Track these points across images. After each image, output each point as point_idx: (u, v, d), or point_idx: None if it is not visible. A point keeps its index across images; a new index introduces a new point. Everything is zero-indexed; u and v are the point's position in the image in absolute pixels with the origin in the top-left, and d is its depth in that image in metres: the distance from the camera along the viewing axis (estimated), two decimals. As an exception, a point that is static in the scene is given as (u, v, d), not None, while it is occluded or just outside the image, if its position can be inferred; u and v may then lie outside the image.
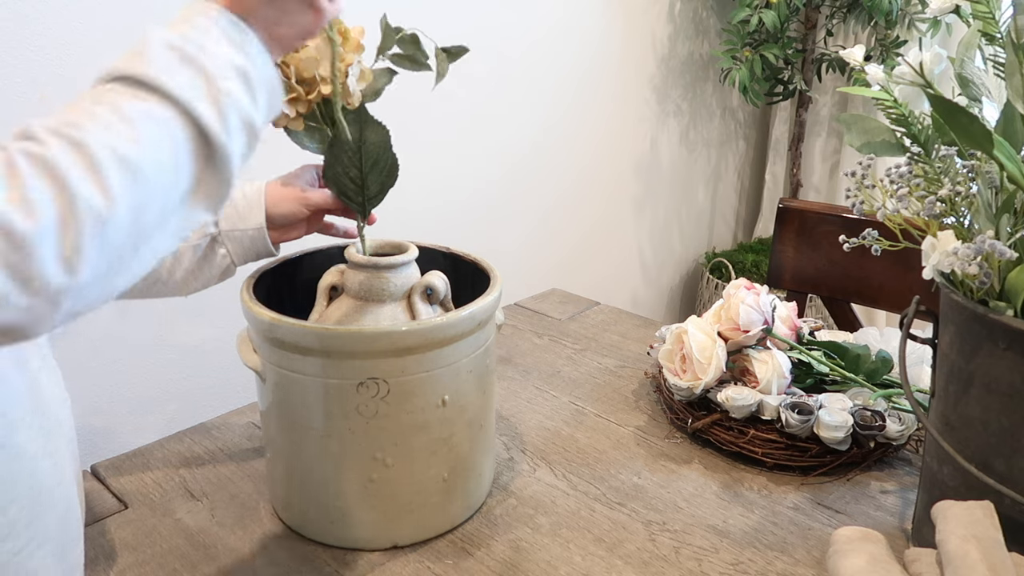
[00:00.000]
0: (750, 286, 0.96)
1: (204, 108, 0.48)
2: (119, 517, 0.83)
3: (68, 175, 0.43)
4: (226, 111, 0.49)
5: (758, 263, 2.35)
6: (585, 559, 0.76)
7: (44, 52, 1.13)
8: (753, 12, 1.95)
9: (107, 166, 0.44)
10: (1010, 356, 0.61)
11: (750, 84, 2.00)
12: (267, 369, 0.76)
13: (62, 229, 0.42)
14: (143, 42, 0.49)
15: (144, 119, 0.46)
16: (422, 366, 0.72)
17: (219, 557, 0.77)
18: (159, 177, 0.46)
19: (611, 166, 2.17)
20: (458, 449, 0.78)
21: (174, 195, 0.48)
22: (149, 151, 0.46)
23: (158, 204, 0.47)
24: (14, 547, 0.55)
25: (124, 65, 0.48)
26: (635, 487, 0.87)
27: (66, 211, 0.42)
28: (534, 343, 1.21)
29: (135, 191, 0.45)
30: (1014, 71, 0.62)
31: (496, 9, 1.73)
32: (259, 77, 0.52)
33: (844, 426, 0.86)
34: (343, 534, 0.77)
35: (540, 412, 1.02)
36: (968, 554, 0.56)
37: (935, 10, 0.68)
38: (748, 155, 2.64)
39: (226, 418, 1.01)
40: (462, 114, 1.72)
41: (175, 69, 0.48)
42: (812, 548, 0.77)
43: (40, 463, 0.57)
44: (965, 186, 0.65)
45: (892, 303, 1.25)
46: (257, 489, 0.87)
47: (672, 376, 0.96)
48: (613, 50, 2.05)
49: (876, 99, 0.69)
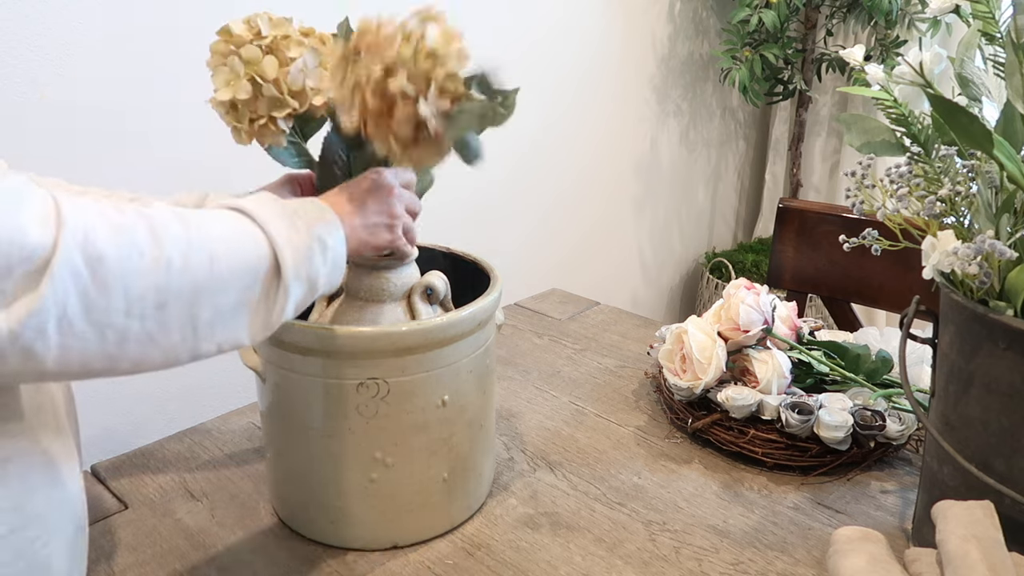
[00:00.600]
0: (750, 286, 0.96)
1: (286, 249, 0.59)
2: (119, 517, 0.83)
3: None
4: (299, 261, 0.60)
5: (758, 263, 2.35)
6: (585, 559, 0.76)
7: (44, 52, 1.13)
8: (753, 12, 1.95)
9: (196, 246, 0.55)
10: (1010, 356, 0.61)
11: (750, 84, 2.00)
12: (267, 369, 0.76)
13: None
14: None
15: (239, 233, 0.57)
16: (422, 366, 0.72)
17: (219, 557, 0.77)
18: (232, 275, 0.56)
19: (611, 166, 2.17)
20: (458, 449, 0.78)
21: (233, 298, 0.57)
22: (235, 253, 0.57)
23: (219, 297, 0.56)
24: (31, 535, 0.56)
25: (240, 203, 0.60)
26: (635, 487, 0.87)
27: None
28: (534, 343, 1.21)
29: (212, 271, 0.55)
30: (1014, 71, 0.62)
31: (496, 9, 1.73)
32: (333, 252, 0.63)
33: (844, 426, 0.86)
34: (343, 534, 0.77)
35: (540, 412, 1.02)
36: (968, 554, 0.56)
37: (935, 10, 0.68)
38: (748, 155, 2.64)
39: (226, 418, 1.01)
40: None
41: (277, 218, 0.60)
42: (812, 548, 0.77)
43: (53, 455, 0.59)
44: (965, 186, 0.65)
45: (892, 303, 1.25)
46: (257, 489, 0.87)
47: (672, 376, 0.96)
48: (613, 50, 2.05)
49: (876, 99, 0.69)
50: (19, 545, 0.55)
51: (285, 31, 0.72)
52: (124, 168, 1.25)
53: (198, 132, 1.30)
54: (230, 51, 0.71)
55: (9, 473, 0.55)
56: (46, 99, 1.15)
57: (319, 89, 0.72)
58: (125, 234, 0.50)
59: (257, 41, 0.71)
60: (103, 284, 0.49)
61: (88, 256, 0.48)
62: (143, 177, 1.25)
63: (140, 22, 1.22)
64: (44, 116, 1.15)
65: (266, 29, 0.71)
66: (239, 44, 0.71)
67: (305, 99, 0.72)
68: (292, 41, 0.72)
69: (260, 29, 0.71)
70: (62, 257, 0.47)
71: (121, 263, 0.50)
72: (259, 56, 0.70)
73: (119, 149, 1.24)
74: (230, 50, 0.71)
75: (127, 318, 0.51)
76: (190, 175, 1.30)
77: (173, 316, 0.53)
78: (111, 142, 1.23)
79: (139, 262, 0.51)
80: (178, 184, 1.09)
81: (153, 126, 1.27)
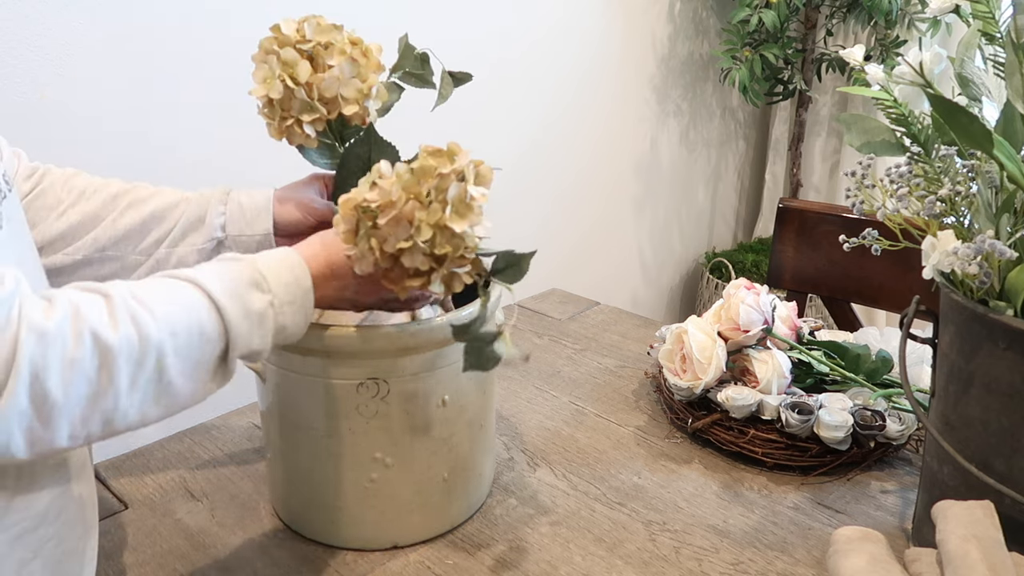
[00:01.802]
0: (750, 286, 0.96)
1: (238, 342, 0.58)
2: (119, 517, 0.83)
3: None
4: (252, 349, 0.60)
5: (758, 263, 2.35)
6: (585, 559, 0.76)
7: (44, 52, 1.13)
8: (753, 12, 1.95)
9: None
10: (1010, 356, 0.61)
11: (750, 84, 2.00)
12: (267, 369, 0.76)
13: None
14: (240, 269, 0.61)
15: (197, 334, 0.56)
16: (422, 366, 0.72)
17: (219, 557, 0.77)
18: (182, 378, 0.56)
19: (611, 166, 2.17)
20: (458, 449, 0.78)
21: (185, 392, 0.57)
22: (188, 356, 0.56)
23: (168, 398, 0.56)
24: (45, 535, 0.57)
25: (214, 289, 0.58)
26: (635, 487, 0.87)
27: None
28: (534, 343, 1.21)
29: (161, 382, 0.55)
30: (1014, 71, 0.62)
31: (496, 9, 1.73)
32: (291, 333, 0.63)
33: (844, 426, 0.86)
34: (343, 534, 0.77)
35: (540, 412, 1.02)
36: (968, 554, 0.56)
37: (935, 10, 0.68)
38: (748, 155, 2.64)
39: (226, 418, 1.01)
40: (462, 114, 1.72)
41: (242, 317, 0.59)
42: (812, 548, 0.77)
43: (65, 456, 0.59)
44: (965, 186, 0.65)
45: (892, 303, 1.25)
46: (257, 489, 0.87)
47: (672, 376, 0.96)
48: (613, 50, 2.05)
49: (876, 99, 0.69)
50: (33, 544, 0.56)
51: (329, 38, 0.72)
52: (124, 168, 1.24)
53: (198, 132, 1.31)
54: (273, 49, 0.71)
55: (22, 474, 0.55)
56: (46, 99, 1.15)
57: (351, 99, 0.72)
58: (77, 368, 0.50)
59: (300, 44, 0.71)
60: (47, 420, 0.50)
61: (35, 397, 0.49)
62: (143, 177, 1.25)
63: (140, 22, 1.22)
64: (44, 116, 1.15)
65: (310, 33, 0.71)
66: (282, 44, 0.71)
67: (336, 107, 0.72)
68: (335, 49, 0.72)
69: (306, 32, 0.71)
70: (9, 402, 0.48)
71: (69, 399, 0.50)
72: (296, 59, 0.71)
73: (119, 149, 1.24)
74: (274, 48, 0.72)
75: (71, 440, 0.52)
76: (190, 175, 1.30)
77: (120, 425, 0.54)
78: (111, 142, 1.23)
79: (87, 391, 0.51)
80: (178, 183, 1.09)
81: (153, 126, 1.27)
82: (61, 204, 0.76)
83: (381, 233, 0.61)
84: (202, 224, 0.77)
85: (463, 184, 0.60)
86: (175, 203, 0.78)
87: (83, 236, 0.76)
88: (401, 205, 0.60)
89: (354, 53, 0.72)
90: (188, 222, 0.77)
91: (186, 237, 0.77)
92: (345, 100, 0.72)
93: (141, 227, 0.77)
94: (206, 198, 0.79)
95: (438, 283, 0.63)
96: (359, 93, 0.73)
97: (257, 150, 0.75)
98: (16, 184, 0.74)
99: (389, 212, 0.60)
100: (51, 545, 0.57)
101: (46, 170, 0.78)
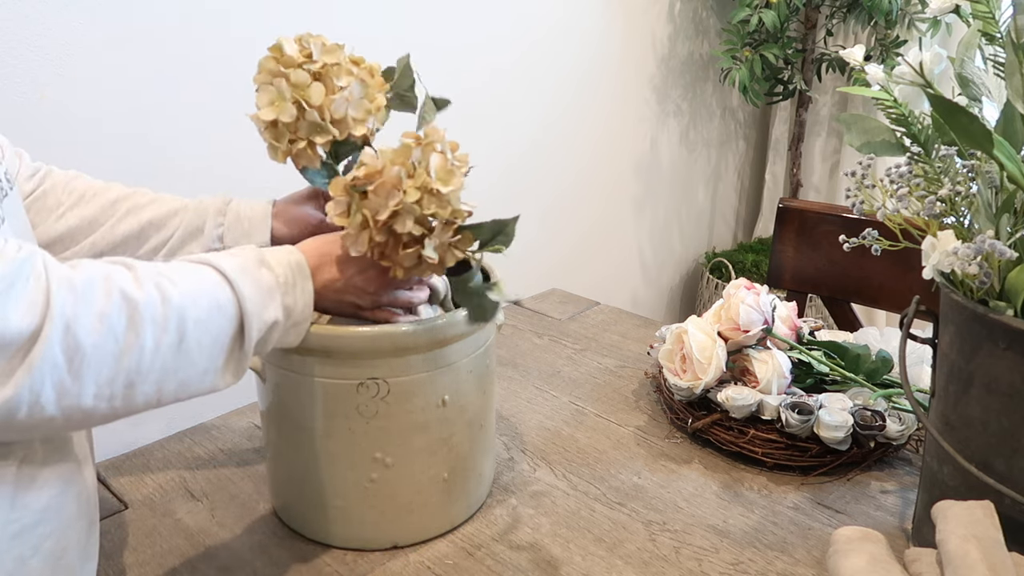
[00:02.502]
0: (750, 286, 0.96)
1: (254, 324, 0.61)
2: (119, 517, 0.83)
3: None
4: (264, 337, 0.63)
5: (758, 263, 2.35)
6: (585, 559, 0.76)
7: (44, 52, 1.13)
8: (753, 12, 1.95)
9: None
10: (1010, 356, 0.61)
11: (750, 84, 2.00)
12: (267, 369, 0.76)
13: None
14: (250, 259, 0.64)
15: (215, 309, 0.59)
16: (422, 366, 0.72)
17: (219, 557, 0.77)
18: (200, 351, 0.58)
19: (611, 166, 2.17)
20: (458, 449, 0.78)
21: (201, 367, 0.59)
22: (207, 330, 0.59)
23: (186, 372, 0.58)
24: (47, 531, 0.57)
25: (229, 269, 0.61)
26: (635, 487, 0.87)
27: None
28: (534, 343, 1.21)
29: (180, 350, 0.57)
30: (1014, 71, 0.62)
31: (496, 10, 1.73)
32: (297, 327, 0.66)
33: (844, 426, 0.86)
34: (343, 534, 0.77)
35: (540, 412, 1.02)
36: (968, 554, 0.56)
37: (935, 10, 0.68)
38: (748, 155, 2.64)
39: (226, 418, 1.01)
40: (462, 114, 1.72)
41: (250, 279, 0.62)
42: (812, 548, 0.77)
43: (69, 452, 0.60)
44: (965, 186, 0.65)
45: (892, 303, 1.25)
46: (257, 489, 0.87)
47: (672, 376, 0.96)
48: (613, 50, 2.05)
49: (876, 99, 0.69)
50: (35, 540, 0.56)
51: (336, 58, 0.72)
52: (124, 169, 1.24)
53: (198, 133, 1.31)
54: (279, 71, 0.71)
55: (24, 472, 0.55)
56: (46, 99, 1.15)
57: (360, 119, 0.73)
58: (106, 322, 0.52)
59: (307, 65, 0.71)
60: (77, 373, 0.51)
61: (67, 347, 0.50)
62: (143, 178, 1.25)
63: (140, 23, 1.21)
64: (44, 116, 1.15)
65: (317, 54, 0.71)
66: (288, 65, 0.71)
67: (346, 128, 0.72)
68: (342, 70, 0.72)
69: (312, 53, 0.71)
70: (44, 350, 0.48)
71: (97, 353, 0.51)
72: (307, 81, 0.70)
73: (119, 149, 1.24)
74: (279, 70, 0.71)
75: (95, 400, 0.52)
76: (190, 176, 1.30)
77: (139, 393, 0.55)
78: (111, 142, 1.23)
79: (114, 348, 0.52)
80: (178, 184, 1.09)
81: (153, 126, 1.27)
82: (60, 206, 0.76)
83: (371, 203, 0.64)
84: (200, 234, 0.78)
85: (443, 154, 0.65)
86: (174, 211, 0.79)
87: (81, 240, 0.76)
88: (388, 173, 0.64)
89: (361, 73, 0.72)
90: (186, 231, 0.78)
91: (184, 246, 0.78)
92: (356, 121, 0.72)
93: (139, 234, 0.77)
94: (205, 207, 0.79)
95: (431, 248, 0.66)
96: (367, 113, 0.73)
97: (257, 149, 0.75)
98: (18, 184, 0.74)
99: (376, 180, 0.64)
100: (51, 543, 0.57)
101: (48, 171, 0.78)
